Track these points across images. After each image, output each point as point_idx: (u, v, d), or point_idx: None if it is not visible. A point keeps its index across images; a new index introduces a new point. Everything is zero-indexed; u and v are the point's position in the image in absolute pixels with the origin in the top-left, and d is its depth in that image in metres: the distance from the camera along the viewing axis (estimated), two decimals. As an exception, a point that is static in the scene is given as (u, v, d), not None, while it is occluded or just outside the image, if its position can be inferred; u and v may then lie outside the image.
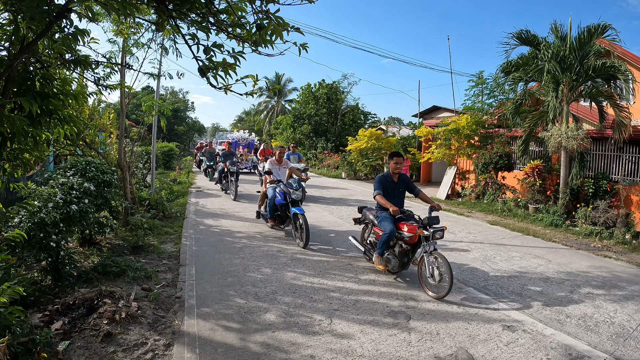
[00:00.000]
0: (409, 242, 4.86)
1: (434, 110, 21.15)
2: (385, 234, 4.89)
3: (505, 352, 3.50)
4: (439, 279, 4.53)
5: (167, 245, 6.68)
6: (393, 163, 5.25)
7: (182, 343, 3.53)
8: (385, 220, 5.00)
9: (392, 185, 5.26)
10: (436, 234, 4.71)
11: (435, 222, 4.80)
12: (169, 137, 35.13)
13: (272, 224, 7.44)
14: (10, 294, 2.65)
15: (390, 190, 5.23)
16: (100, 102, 8.56)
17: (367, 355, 3.39)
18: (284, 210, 7.17)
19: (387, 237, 4.89)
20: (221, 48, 2.51)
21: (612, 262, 6.60)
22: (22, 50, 2.40)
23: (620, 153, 9.93)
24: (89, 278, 4.72)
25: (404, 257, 5.02)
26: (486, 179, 12.23)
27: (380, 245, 5.02)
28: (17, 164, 2.93)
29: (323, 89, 26.37)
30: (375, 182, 5.24)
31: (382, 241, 4.96)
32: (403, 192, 5.38)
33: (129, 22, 5.97)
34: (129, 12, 2.28)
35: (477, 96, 14.64)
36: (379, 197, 5.05)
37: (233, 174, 11.60)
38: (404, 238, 4.86)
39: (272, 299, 4.50)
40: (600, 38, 9.16)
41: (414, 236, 4.76)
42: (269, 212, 7.34)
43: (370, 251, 5.56)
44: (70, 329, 3.59)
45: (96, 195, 5.34)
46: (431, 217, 4.81)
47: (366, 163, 18.48)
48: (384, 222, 4.98)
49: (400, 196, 5.34)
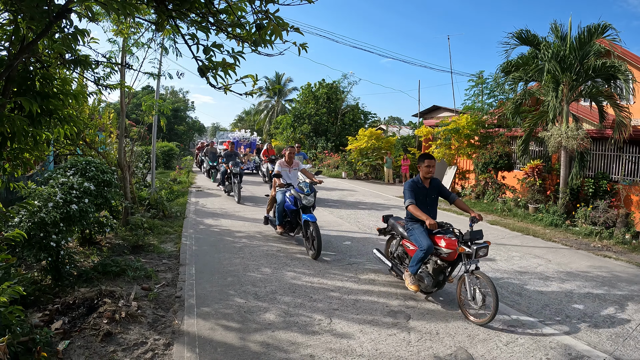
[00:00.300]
0: (446, 259, 4.23)
1: (434, 110, 21.17)
2: (422, 250, 4.23)
3: (504, 351, 3.51)
4: (481, 302, 3.93)
5: (167, 244, 6.68)
6: (424, 167, 4.53)
7: (181, 342, 3.54)
8: (420, 233, 4.35)
9: (423, 192, 4.57)
10: (480, 251, 4.02)
11: (478, 237, 4.12)
12: (169, 136, 35.14)
13: (281, 231, 6.79)
14: (10, 294, 2.65)
15: (421, 197, 4.54)
16: (100, 102, 8.56)
17: (366, 355, 3.39)
18: (295, 217, 6.56)
19: (423, 254, 4.22)
20: (221, 48, 2.51)
21: (612, 262, 6.60)
22: (22, 50, 2.40)
23: (620, 153, 9.94)
24: (89, 277, 4.73)
25: (439, 276, 4.38)
26: (486, 179, 12.23)
27: (414, 263, 4.34)
28: (17, 164, 2.93)
29: (323, 88, 26.38)
30: (405, 189, 4.54)
31: (418, 259, 4.28)
32: (436, 199, 4.69)
33: (129, 22, 5.97)
34: (128, 12, 2.28)
35: (477, 96, 14.65)
36: (413, 208, 4.35)
37: (236, 176, 11.07)
38: (441, 255, 4.22)
39: (271, 298, 4.51)
40: (600, 38, 9.16)
41: (453, 253, 4.12)
42: (277, 218, 6.74)
43: (398, 267, 4.93)
44: (70, 329, 3.59)
45: (96, 195, 5.35)
46: (474, 232, 4.11)
47: (366, 163, 18.49)
48: (419, 236, 4.33)
49: (433, 204, 4.67)
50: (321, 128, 25.71)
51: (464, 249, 4.04)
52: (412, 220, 4.52)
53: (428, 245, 4.21)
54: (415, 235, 4.40)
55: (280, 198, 6.64)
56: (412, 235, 4.47)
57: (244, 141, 23.59)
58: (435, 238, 4.28)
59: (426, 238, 4.27)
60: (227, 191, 11.99)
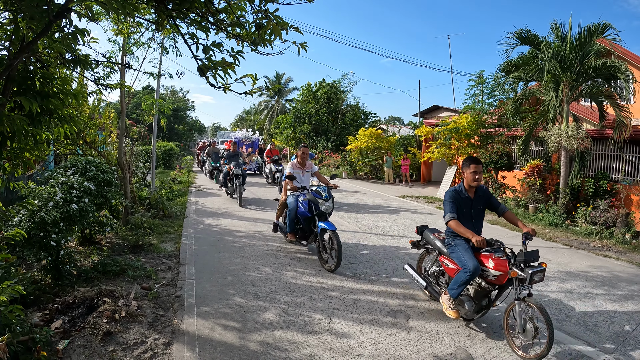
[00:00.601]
0: (493, 282, 3.62)
1: (434, 110, 21.15)
2: (467, 272, 3.60)
3: (504, 351, 3.51)
4: (532, 335, 3.37)
5: (167, 244, 6.69)
6: (470, 173, 3.84)
7: (181, 342, 3.54)
8: (464, 251, 3.72)
9: (467, 203, 3.91)
10: (535, 276, 3.39)
11: (534, 259, 3.46)
12: (169, 136, 35.14)
13: (293, 239, 6.22)
14: (10, 293, 2.65)
15: (465, 210, 3.89)
16: (101, 102, 8.56)
17: (366, 355, 3.39)
18: (308, 224, 5.95)
19: (468, 276, 3.59)
20: (220, 47, 2.51)
21: (612, 261, 6.60)
22: (22, 50, 2.40)
23: (621, 153, 9.93)
24: (89, 277, 4.73)
25: (482, 300, 3.80)
26: (486, 179, 12.23)
27: (455, 285, 3.71)
28: (17, 163, 2.94)
29: (323, 88, 26.37)
30: (445, 200, 3.90)
31: (460, 281, 3.66)
32: (482, 211, 4.03)
33: (129, 21, 5.97)
34: (128, 11, 2.28)
35: (478, 96, 14.65)
36: (454, 224, 3.73)
37: (238, 177, 10.56)
38: (488, 277, 3.63)
39: (271, 298, 4.51)
40: (600, 38, 9.16)
41: (502, 276, 3.52)
42: (288, 224, 6.11)
43: (434, 286, 4.31)
44: (70, 328, 3.60)
45: (96, 195, 5.35)
46: (528, 252, 3.45)
47: (366, 162, 18.49)
48: (462, 255, 3.71)
49: (479, 217, 4.01)
50: (321, 128, 25.70)
51: (517, 272, 3.41)
52: (455, 234, 3.87)
53: (474, 266, 3.57)
54: (457, 253, 3.77)
55: (293, 203, 6.02)
56: (453, 252, 3.84)
57: (245, 141, 22.93)
58: (482, 257, 3.66)
59: (472, 258, 3.63)
60: (230, 193, 11.58)
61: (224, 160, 12.10)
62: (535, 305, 3.37)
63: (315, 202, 5.73)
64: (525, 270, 3.40)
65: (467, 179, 3.88)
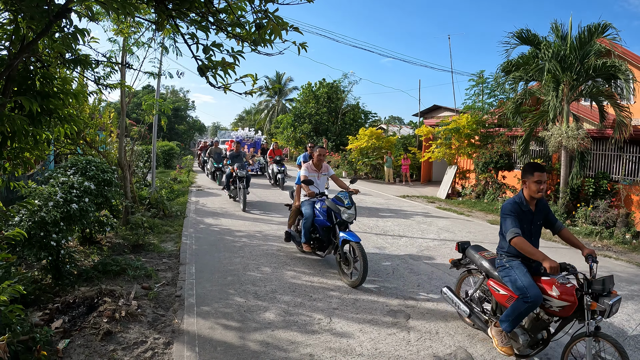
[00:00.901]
0: (556, 313, 3.05)
1: (435, 110, 21.16)
2: (527, 301, 2.99)
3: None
4: None
5: (167, 244, 6.69)
6: (534, 182, 3.23)
7: (181, 341, 3.54)
8: (522, 275, 3.12)
9: (528, 217, 3.31)
10: (614, 307, 2.86)
11: (609, 287, 2.90)
12: (170, 136, 35.17)
13: (308, 250, 5.59)
14: (10, 293, 2.66)
15: (525, 225, 3.29)
16: (101, 101, 8.57)
17: (366, 354, 3.40)
18: (327, 234, 5.40)
19: (528, 306, 3.01)
20: (220, 47, 2.51)
21: (612, 261, 6.60)
22: (22, 50, 2.40)
23: (621, 153, 9.93)
24: (89, 277, 4.74)
25: (539, 333, 3.22)
26: (486, 179, 12.24)
27: (511, 317, 3.13)
28: (17, 163, 2.94)
29: (324, 88, 26.38)
30: (504, 213, 3.29)
31: (518, 312, 3.07)
32: (541, 227, 3.45)
33: (129, 21, 5.97)
34: (128, 11, 2.28)
35: (478, 95, 14.65)
36: (520, 242, 3.06)
37: (242, 180, 9.98)
38: (550, 307, 3.03)
39: (271, 297, 4.51)
40: (600, 37, 9.16)
41: (569, 307, 2.95)
42: (304, 234, 5.49)
43: (478, 314, 3.69)
44: (70, 328, 3.60)
45: (96, 194, 5.36)
46: (606, 279, 2.90)
47: (366, 162, 18.50)
48: (520, 279, 3.10)
49: (537, 235, 3.43)
50: (322, 127, 25.71)
51: (596, 304, 2.85)
52: (511, 255, 3.32)
53: (536, 295, 2.98)
54: (513, 277, 3.17)
55: (308, 211, 5.45)
56: (507, 276, 3.24)
57: (247, 140, 22.08)
58: (542, 282, 3.09)
59: (533, 284, 3.04)
60: (232, 196, 11.03)
61: (226, 161, 11.59)
62: (606, 340, 2.83)
63: (337, 210, 5.16)
64: (603, 300, 2.85)
65: (530, 190, 3.26)
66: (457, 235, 7.87)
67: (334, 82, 26.67)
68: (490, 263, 3.59)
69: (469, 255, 3.89)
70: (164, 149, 22.61)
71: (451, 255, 6.36)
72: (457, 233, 8.08)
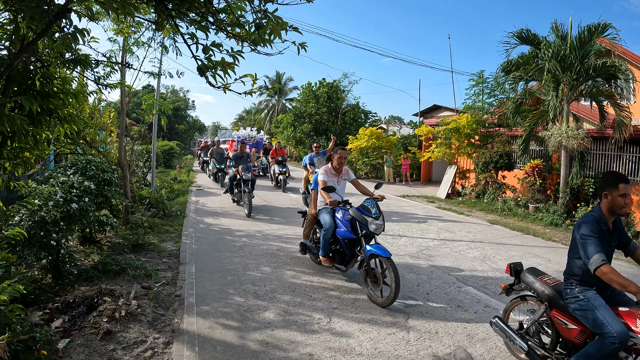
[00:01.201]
0: None
1: (435, 109, 21.18)
2: (612, 341, 2.48)
3: (504, 351, 3.51)
4: None
5: (167, 243, 6.70)
6: (619, 195, 2.72)
7: (181, 341, 3.55)
8: (602, 309, 2.62)
9: (606, 237, 2.81)
10: None
11: None
12: (170, 135, 35.16)
13: (328, 264, 5.04)
14: (10, 292, 2.66)
15: (604, 246, 2.72)
16: (101, 101, 8.57)
17: (365, 354, 3.40)
18: (351, 247, 4.81)
19: (615, 347, 2.49)
20: (220, 47, 2.51)
21: (612, 261, 6.59)
22: (22, 50, 2.41)
23: (621, 153, 9.93)
24: (89, 276, 4.74)
25: None
26: (486, 178, 12.24)
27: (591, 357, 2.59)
28: (17, 163, 2.94)
29: (324, 87, 26.39)
30: (583, 233, 2.72)
31: (601, 354, 2.54)
32: (614, 248, 2.99)
33: (129, 21, 5.97)
34: (128, 11, 2.29)
35: (478, 95, 14.65)
36: (610, 271, 2.52)
37: (247, 183, 9.28)
38: (636, 345, 2.51)
39: (271, 297, 4.52)
40: (600, 37, 9.17)
41: None
42: (322, 246, 4.92)
43: (537, 350, 3.12)
44: (70, 327, 3.61)
45: (96, 194, 5.37)
46: None
47: (366, 162, 18.51)
48: (601, 314, 2.60)
49: (611, 257, 2.94)
50: (322, 127, 25.72)
51: None
52: (584, 283, 2.81)
53: (622, 332, 2.47)
54: (592, 312, 2.64)
55: (329, 221, 4.88)
56: (582, 309, 2.71)
57: (249, 140, 21.01)
58: (623, 315, 2.58)
59: (616, 319, 2.55)
60: (236, 200, 10.15)
61: (229, 162, 10.81)
62: None
63: (363, 220, 4.54)
64: None
65: (614, 204, 2.74)
66: (457, 235, 7.88)
67: (334, 82, 26.69)
68: (554, 291, 3.02)
69: (525, 280, 3.27)
70: (164, 148, 22.62)
71: (451, 255, 6.38)
72: (456, 233, 8.09)
